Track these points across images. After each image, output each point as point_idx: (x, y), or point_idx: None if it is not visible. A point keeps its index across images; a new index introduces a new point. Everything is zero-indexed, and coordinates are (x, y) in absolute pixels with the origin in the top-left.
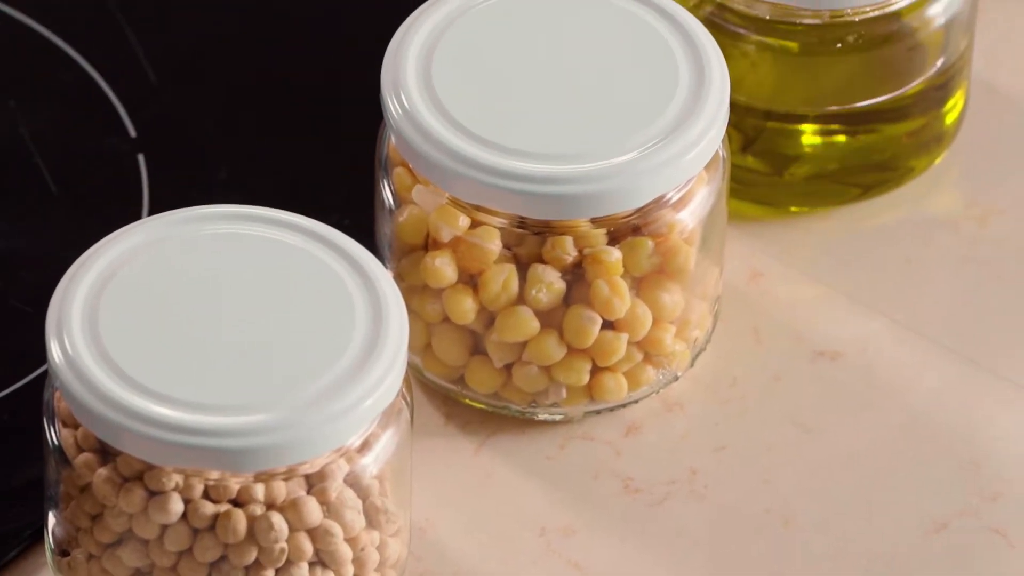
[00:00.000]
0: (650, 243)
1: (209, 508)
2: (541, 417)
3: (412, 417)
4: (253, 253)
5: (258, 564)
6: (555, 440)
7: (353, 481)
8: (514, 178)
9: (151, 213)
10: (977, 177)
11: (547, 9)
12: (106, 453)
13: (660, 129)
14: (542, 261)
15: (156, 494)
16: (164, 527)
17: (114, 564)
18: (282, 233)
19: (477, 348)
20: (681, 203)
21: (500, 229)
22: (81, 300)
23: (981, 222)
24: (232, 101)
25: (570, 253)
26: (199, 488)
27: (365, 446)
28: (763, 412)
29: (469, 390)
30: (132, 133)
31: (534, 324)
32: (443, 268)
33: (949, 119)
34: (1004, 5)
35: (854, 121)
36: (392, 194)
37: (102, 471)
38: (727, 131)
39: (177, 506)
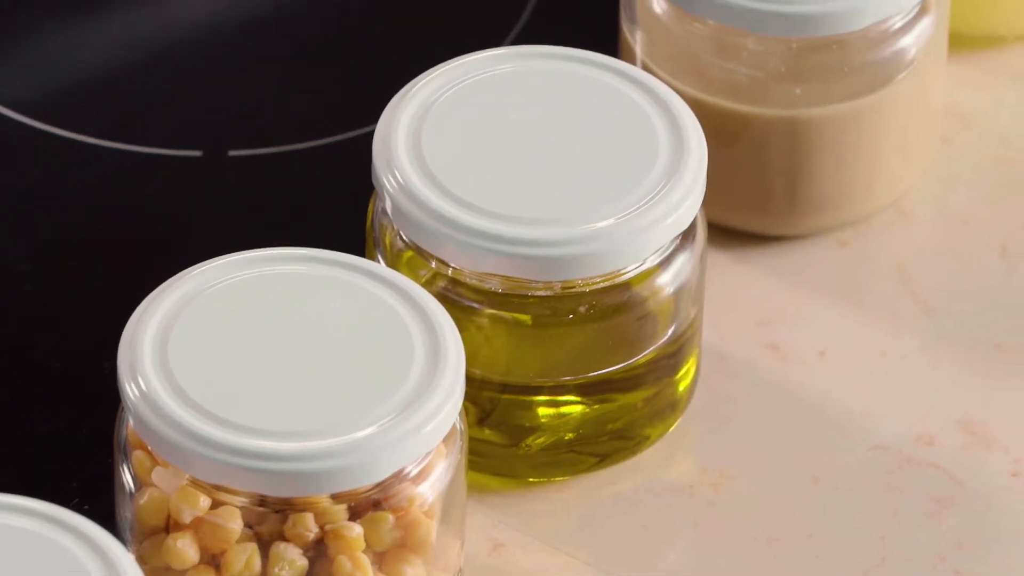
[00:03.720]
0: (391, 517)
1: None
2: None
3: None
4: None
5: None
6: None
7: None
8: (252, 456)
9: None
10: (711, 443)
11: (282, 289)
12: None
13: (397, 403)
14: (284, 539)
15: None
16: None
17: None
18: (20, 520)
19: None
20: (420, 476)
21: (241, 508)
22: None
23: (716, 487)
24: None
25: (311, 530)
26: None
27: None
28: None
29: None
30: None
31: None
32: (185, 549)
33: (682, 386)
34: (731, 273)
35: (588, 391)
36: (132, 477)
37: None
38: (464, 404)
39: None
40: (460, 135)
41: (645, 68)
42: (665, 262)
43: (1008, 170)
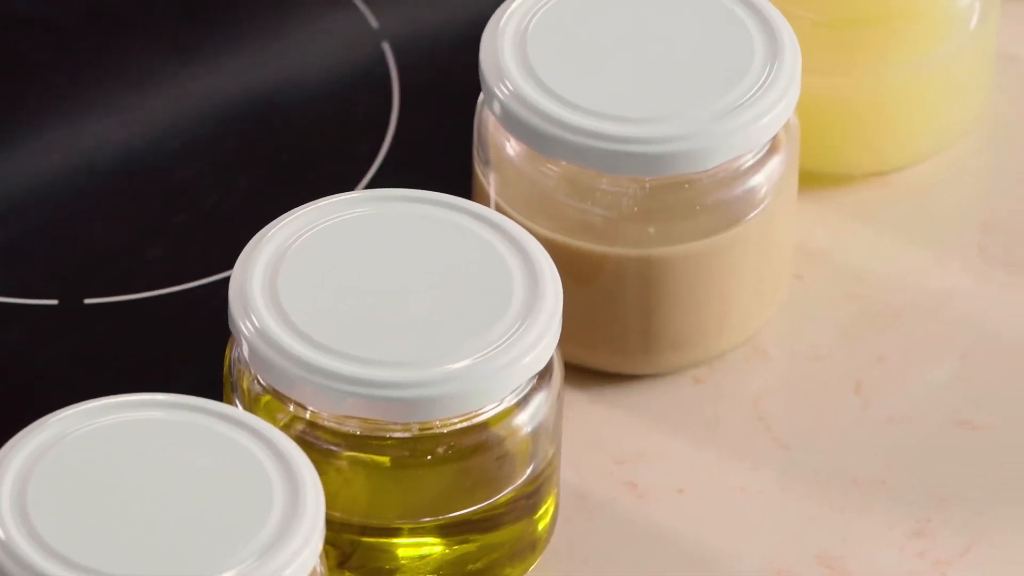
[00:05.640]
0: None
1: None
2: None
3: None
4: None
5: None
6: None
7: None
8: None
9: None
10: None
11: (141, 435)
12: None
13: (256, 548)
14: None
15: None
16: None
17: None
18: None
19: None
20: None
21: None
22: None
23: None
24: None
25: None
26: None
27: None
28: None
29: None
30: None
31: None
32: None
33: (541, 526)
34: (588, 412)
35: (448, 532)
36: None
37: None
38: (324, 547)
39: None
40: (316, 278)
41: (499, 209)
42: (522, 402)
43: (860, 306)
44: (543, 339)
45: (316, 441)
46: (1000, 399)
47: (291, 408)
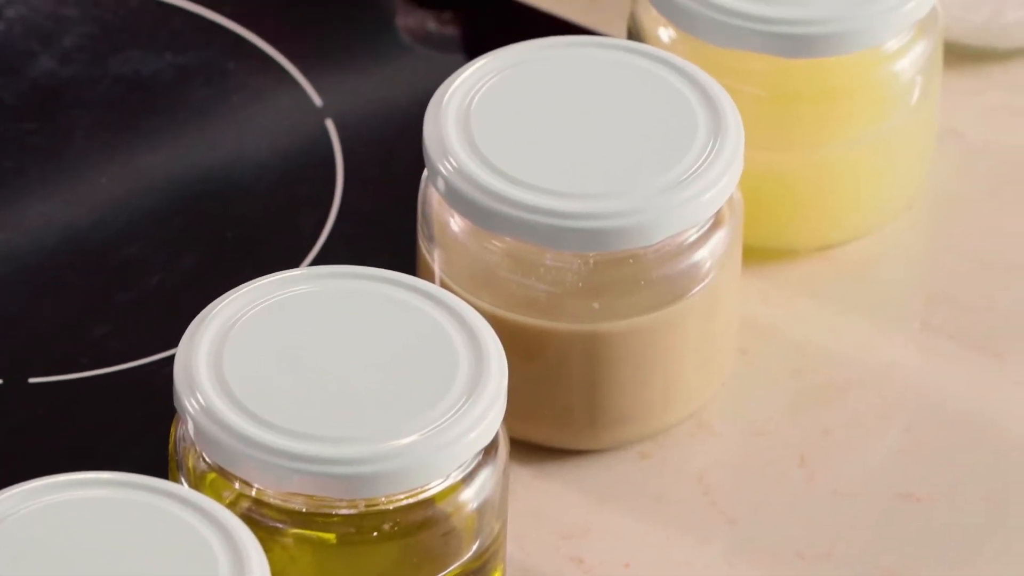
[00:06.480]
0: None
1: None
2: None
3: None
4: None
5: None
6: None
7: None
8: None
9: None
10: None
11: (86, 514)
12: None
13: None
14: None
15: None
16: None
17: None
18: None
19: None
20: None
21: None
22: None
23: None
24: None
25: None
26: None
27: None
28: None
29: None
30: None
31: None
32: None
33: None
34: (534, 487)
35: None
36: None
37: None
38: None
39: None
40: (261, 356)
41: (444, 285)
42: (468, 478)
43: (805, 380)
44: (488, 414)
45: (262, 519)
46: (944, 471)
47: (237, 486)
